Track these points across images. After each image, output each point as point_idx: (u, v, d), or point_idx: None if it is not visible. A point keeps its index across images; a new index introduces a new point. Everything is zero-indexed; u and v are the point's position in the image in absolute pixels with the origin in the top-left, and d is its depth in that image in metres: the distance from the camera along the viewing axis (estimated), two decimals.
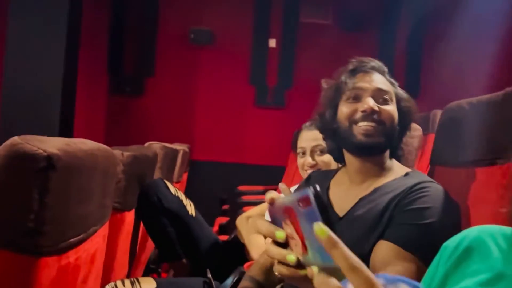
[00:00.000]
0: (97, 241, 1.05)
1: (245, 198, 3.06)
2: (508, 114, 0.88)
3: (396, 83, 1.11)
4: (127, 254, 1.54)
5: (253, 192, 3.21)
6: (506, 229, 0.59)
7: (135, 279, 1.29)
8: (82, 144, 0.95)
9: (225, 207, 3.26)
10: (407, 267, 0.87)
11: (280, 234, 0.47)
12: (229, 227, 2.18)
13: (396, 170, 1.08)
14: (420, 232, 0.91)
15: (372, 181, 1.06)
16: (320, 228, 0.35)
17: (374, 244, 0.94)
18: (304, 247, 0.41)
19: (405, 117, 1.08)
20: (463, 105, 1.09)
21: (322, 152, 1.59)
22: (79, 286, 0.99)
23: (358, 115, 1.04)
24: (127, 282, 1.27)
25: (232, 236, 1.80)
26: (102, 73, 4.37)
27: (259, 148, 4.39)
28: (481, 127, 0.98)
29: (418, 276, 0.84)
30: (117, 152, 1.33)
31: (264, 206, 1.75)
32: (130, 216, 1.47)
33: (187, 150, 2.98)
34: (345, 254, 0.33)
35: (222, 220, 2.63)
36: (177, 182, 2.64)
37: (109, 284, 1.25)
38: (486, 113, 0.97)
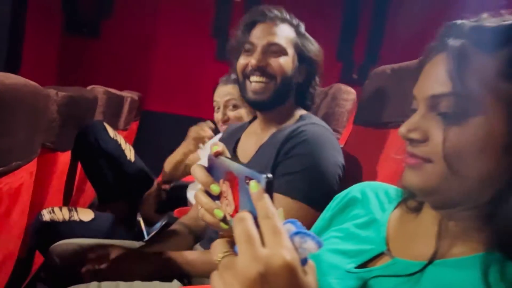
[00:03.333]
0: (21, 176, 1.06)
1: None
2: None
3: (302, 33, 1.10)
4: (61, 194, 1.55)
5: None
6: (389, 186, 0.67)
7: (73, 208, 1.30)
8: (6, 79, 0.93)
9: None
10: (299, 216, 0.90)
11: (215, 189, 0.47)
12: None
13: (295, 116, 1.11)
14: (302, 179, 0.95)
15: (274, 129, 1.10)
16: (255, 184, 0.39)
17: None
18: (236, 213, 0.44)
19: (307, 67, 1.09)
20: (386, 70, 1.15)
21: (235, 107, 1.59)
22: (1, 217, 1.00)
23: (249, 68, 1.05)
24: (64, 208, 1.27)
25: (172, 184, 1.84)
26: (56, 10, 4.14)
27: None
28: (397, 91, 1.04)
29: (312, 222, 0.87)
30: (51, 91, 1.32)
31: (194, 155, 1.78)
32: (64, 157, 1.48)
33: (136, 98, 2.94)
34: (265, 205, 0.38)
35: None
36: (124, 130, 2.63)
37: (46, 209, 1.26)
38: (404, 78, 1.03)
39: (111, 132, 1.59)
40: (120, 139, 1.62)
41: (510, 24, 0.47)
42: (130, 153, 1.64)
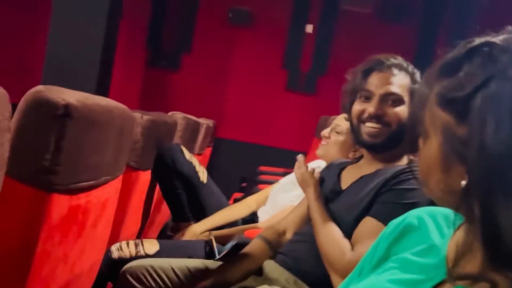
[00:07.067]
0: (108, 191, 1.15)
1: (263, 177, 3.13)
2: None
3: (418, 80, 1.12)
4: (140, 211, 1.65)
5: (272, 173, 3.27)
6: (449, 211, 0.65)
7: (139, 241, 1.39)
8: (101, 100, 1.04)
9: (244, 184, 3.35)
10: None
11: None
12: None
13: (404, 159, 1.15)
14: (402, 211, 0.95)
15: (380, 166, 1.14)
16: None
17: (356, 216, 1.01)
18: None
19: None
20: None
21: (339, 133, 1.67)
22: (88, 228, 1.09)
23: (366, 115, 1.11)
24: (131, 243, 1.37)
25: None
26: (141, 46, 4.51)
27: (285, 132, 4.43)
28: None
29: None
30: (137, 115, 1.43)
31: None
32: (145, 176, 1.58)
33: (211, 125, 3.08)
34: None
35: (238, 195, 2.72)
36: (198, 154, 2.75)
37: (115, 245, 1.37)
38: None
39: (187, 154, 1.68)
40: (195, 161, 1.70)
41: (445, 62, 0.52)
42: (203, 175, 1.71)
